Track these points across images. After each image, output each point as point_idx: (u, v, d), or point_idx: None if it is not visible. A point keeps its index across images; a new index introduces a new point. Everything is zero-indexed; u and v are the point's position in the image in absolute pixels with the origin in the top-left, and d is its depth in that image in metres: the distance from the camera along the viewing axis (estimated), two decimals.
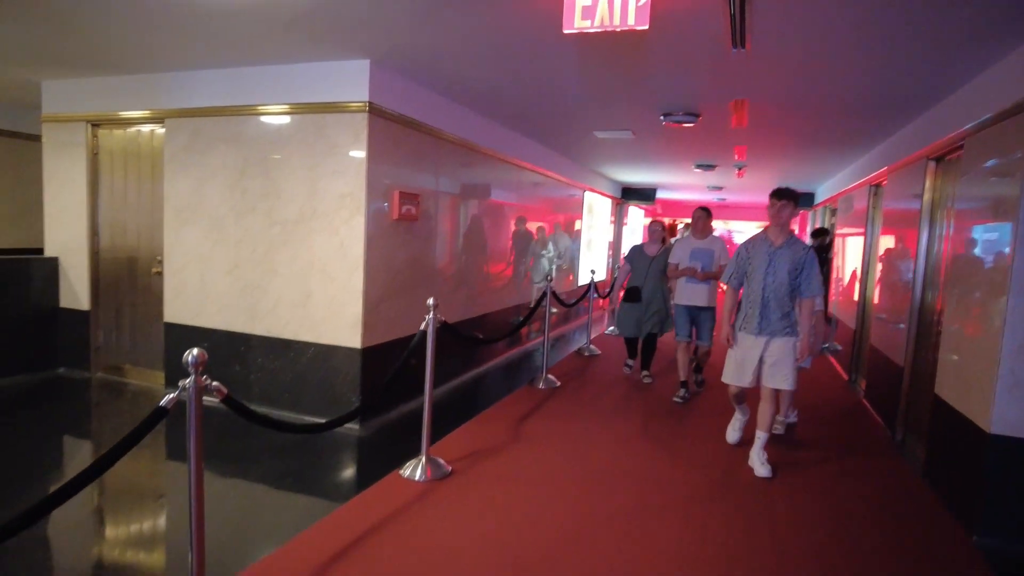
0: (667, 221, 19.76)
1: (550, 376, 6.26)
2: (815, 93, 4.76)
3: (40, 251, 6.16)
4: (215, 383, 2.20)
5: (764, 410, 4.17)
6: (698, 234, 5.80)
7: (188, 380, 2.13)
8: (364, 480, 3.81)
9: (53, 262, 5.99)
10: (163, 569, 2.88)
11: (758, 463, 4.10)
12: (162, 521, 3.39)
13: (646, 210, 17.03)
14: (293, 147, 4.83)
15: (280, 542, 2.95)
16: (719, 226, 20.66)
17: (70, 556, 3.01)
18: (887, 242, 6.01)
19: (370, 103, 4.55)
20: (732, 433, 4.63)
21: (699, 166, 9.46)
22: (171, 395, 2.11)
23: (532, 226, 8.64)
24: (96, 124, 5.76)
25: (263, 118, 4.92)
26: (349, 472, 4.17)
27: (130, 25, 4.02)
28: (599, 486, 3.82)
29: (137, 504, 3.59)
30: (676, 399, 5.77)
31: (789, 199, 4.04)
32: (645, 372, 6.53)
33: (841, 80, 4.34)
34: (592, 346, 8.11)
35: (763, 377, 4.11)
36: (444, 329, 4.01)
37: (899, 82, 4.28)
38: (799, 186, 11.79)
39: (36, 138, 6.36)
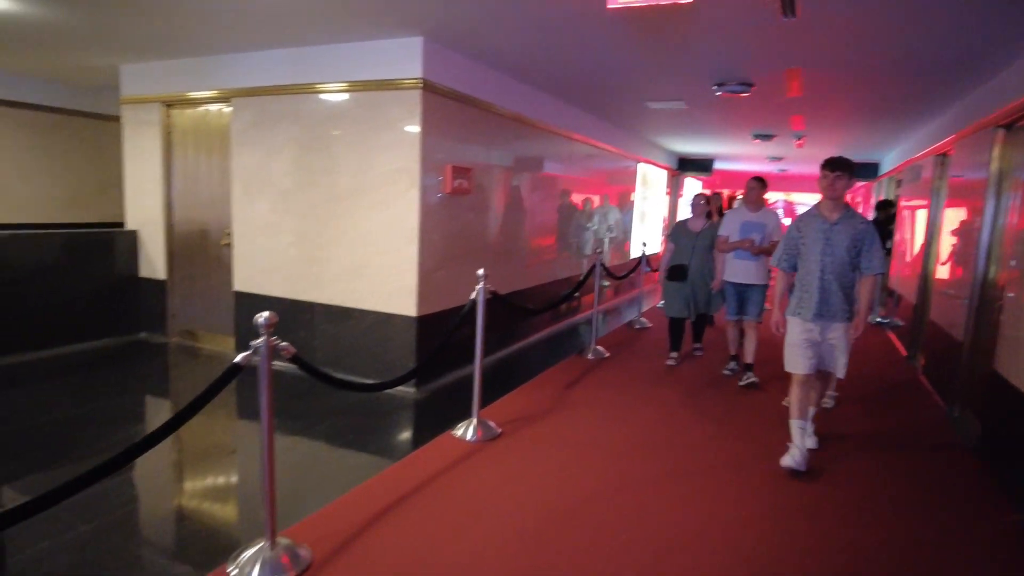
0: (725, 193, 19.32)
1: (599, 347, 6.37)
2: (873, 58, 4.62)
3: (121, 225, 6.62)
4: (284, 343, 2.41)
5: (818, 393, 4.00)
6: (751, 205, 5.43)
7: (260, 340, 2.35)
8: (419, 439, 4.04)
9: (133, 235, 6.43)
10: (236, 514, 3.18)
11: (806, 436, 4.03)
12: (235, 473, 3.71)
13: (703, 181, 16.72)
14: (351, 123, 5.03)
15: (342, 492, 3.20)
16: (781, 198, 20.08)
17: (153, 503, 3.34)
18: (952, 214, 5.80)
19: (424, 80, 4.68)
20: (788, 459, 3.71)
21: (757, 136, 9.25)
22: (245, 353, 2.34)
23: (582, 199, 8.67)
24: (169, 104, 6.11)
25: (322, 96, 5.13)
26: (405, 431, 4.41)
27: (200, 7, 4.24)
28: (640, 450, 3.94)
29: (212, 458, 3.92)
30: (726, 372, 5.78)
31: (844, 169, 3.63)
32: (697, 345, 6.48)
33: (900, 43, 4.20)
34: (643, 319, 8.14)
35: (820, 361, 3.77)
36: (494, 299, 4.15)
37: (964, 43, 4.11)
38: (863, 156, 11.36)
39: (115, 119, 6.78)
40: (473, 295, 4.02)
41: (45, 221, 7.39)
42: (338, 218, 5.17)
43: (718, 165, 14.63)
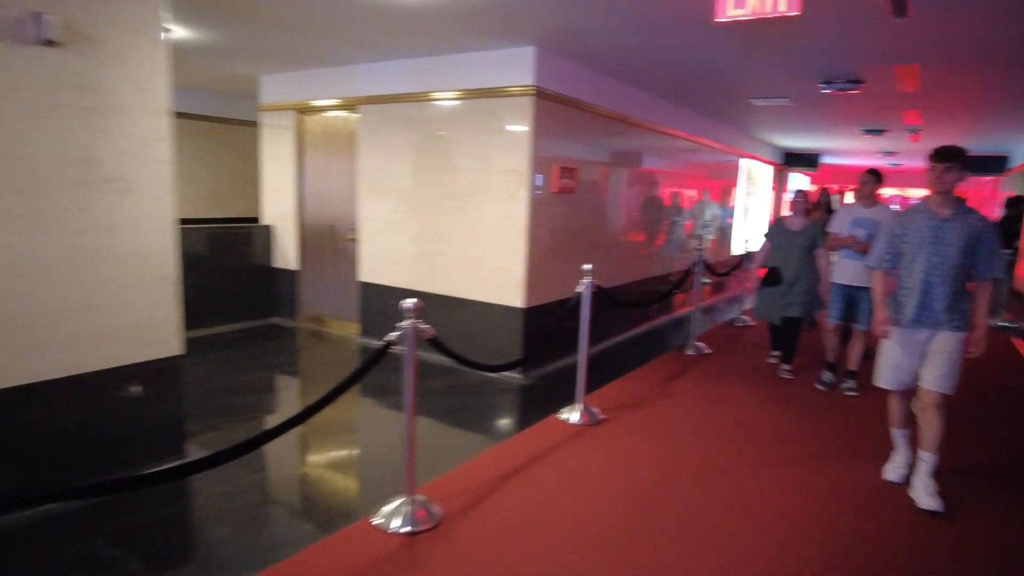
0: (834, 188, 18.52)
1: (699, 343, 6.47)
2: (995, 48, 4.46)
3: (255, 220, 7.37)
4: (426, 326, 2.79)
5: (930, 423, 3.33)
6: (863, 200, 5.03)
7: (407, 323, 2.74)
8: (525, 420, 4.36)
9: (268, 229, 7.16)
10: (369, 476, 3.62)
11: (923, 492, 3.31)
12: (364, 442, 4.18)
13: (811, 176, 16.17)
14: (466, 128, 5.42)
15: (456, 464, 3.57)
16: (895, 194, 18.99)
17: (300, 464, 3.85)
18: None
19: (535, 87, 4.99)
20: (892, 470, 3.63)
21: (867, 131, 8.95)
22: (396, 333, 2.73)
23: (682, 195, 8.73)
24: (302, 111, 6.75)
25: (439, 103, 5.56)
26: (513, 413, 4.75)
27: (333, 23, 4.65)
28: (736, 440, 4.10)
29: (344, 428, 4.41)
30: (818, 386, 5.29)
31: (954, 160, 3.23)
32: (785, 367, 5.72)
33: None
34: (745, 317, 8.12)
35: (920, 377, 3.38)
36: (598, 293, 4.41)
37: None
38: (990, 149, 10.69)
39: (251, 124, 7.54)
40: (579, 288, 4.29)
41: (190, 217, 8.30)
42: (453, 215, 5.58)
43: (826, 160, 14.14)
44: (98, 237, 3.03)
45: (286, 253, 7.06)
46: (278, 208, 7.08)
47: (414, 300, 2.75)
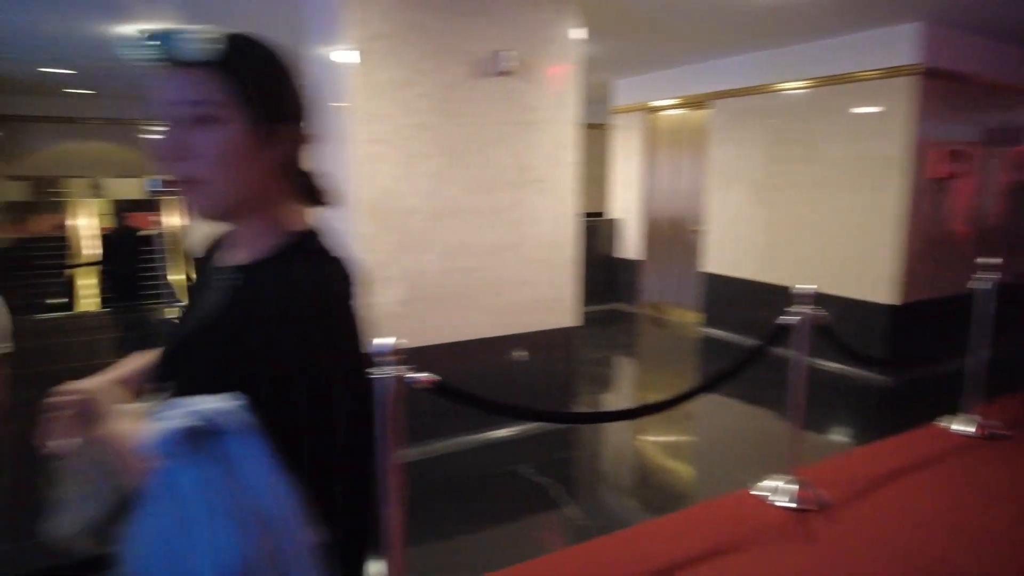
0: None
1: None
2: None
3: (598, 214, 8.05)
4: (823, 312, 2.89)
5: None
6: None
7: (804, 307, 2.87)
8: (896, 424, 4.05)
9: (613, 223, 7.79)
10: (731, 457, 3.82)
11: None
12: (711, 428, 4.39)
13: None
14: (826, 115, 5.22)
15: (826, 455, 3.56)
16: None
17: (657, 441, 4.22)
18: None
19: (920, 65, 4.59)
20: None
21: None
22: (790, 318, 2.89)
23: None
24: (651, 110, 7.19)
25: (796, 91, 5.44)
26: (879, 414, 4.49)
27: (695, 25, 4.86)
28: None
29: (691, 415, 4.64)
30: None
31: None
32: None
33: None
34: None
35: None
36: (1005, 291, 3.91)
37: None
38: None
39: (595, 126, 8.21)
40: (976, 284, 3.87)
41: None
42: (809, 206, 5.42)
43: None
44: (527, 228, 3.76)
45: (630, 244, 7.60)
46: (625, 203, 7.65)
47: (813, 286, 2.86)
